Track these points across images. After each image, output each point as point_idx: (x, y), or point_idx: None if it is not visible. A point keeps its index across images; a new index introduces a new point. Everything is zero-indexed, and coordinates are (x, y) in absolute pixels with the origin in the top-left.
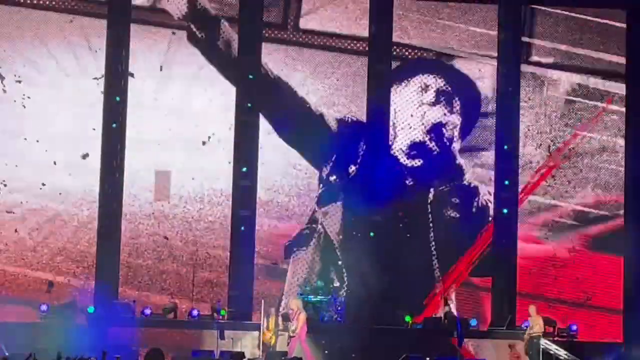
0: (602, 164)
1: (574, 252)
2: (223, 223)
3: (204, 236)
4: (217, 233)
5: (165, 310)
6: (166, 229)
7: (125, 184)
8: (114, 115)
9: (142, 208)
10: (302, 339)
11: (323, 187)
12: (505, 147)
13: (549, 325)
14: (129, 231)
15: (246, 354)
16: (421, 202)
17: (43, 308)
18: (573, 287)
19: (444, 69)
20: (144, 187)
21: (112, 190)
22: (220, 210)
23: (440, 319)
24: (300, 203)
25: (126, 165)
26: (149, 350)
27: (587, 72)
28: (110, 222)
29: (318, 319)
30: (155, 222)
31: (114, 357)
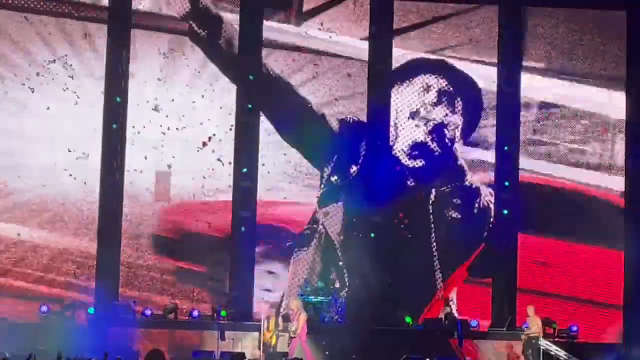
0: None
1: None
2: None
3: None
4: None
5: (166, 311)
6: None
7: (126, 184)
8: (114, 115)
9: (142, 209)
10: (302, 339)
11: (324, 187)
12: (506, 148)
13: (548, 326)
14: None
15: (247, 354)
16: (422, 202)
17: (43, 309)
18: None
19: (445, 69)
20: (145, 187)
21: (112, 191)
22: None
23: (440, 320)
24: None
25: (126, 165)
26: (149, 350)
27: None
28: (110, 222)
29: (318, 319)
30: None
31: (115, 357)
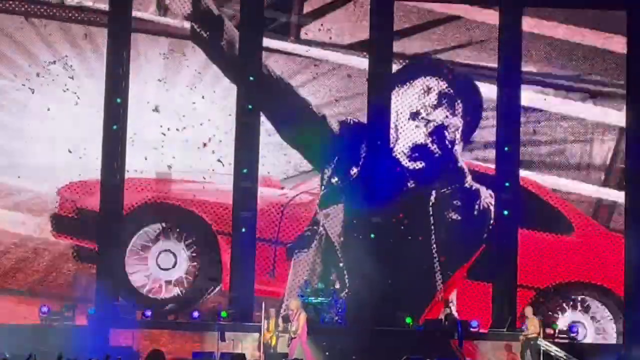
0: None
1: None
2: None
3: None
4: None
5: (166, 312)
6: None
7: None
8: (114, 116)
9: None
10: (303, 339)
11: (325, 189)
12: (506, 148)
13: (548, 327)
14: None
15: (247, 355)
16: (423, 204)
17: (44, 309)
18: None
19: (445, 71)
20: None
21: (112, 192)
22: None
23: (441, 321)
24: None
25: (127, 166)
26: (149, 351)
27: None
28: (111, 223)
29: (319, 320)
30: None
31: (116, 358)
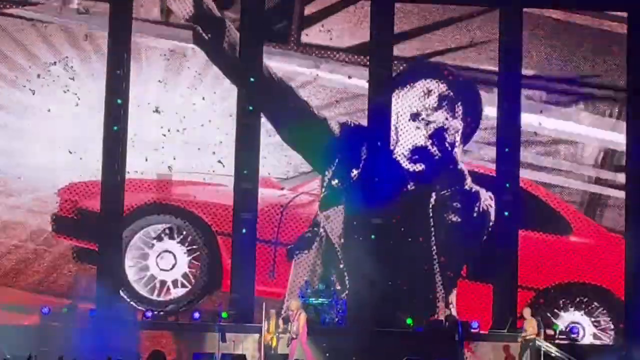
0: None
1: None
2: None
3: None
4: None
5: (167, 313)
6: None
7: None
8: (115, 118)
9: None
10: (303, 340)
11: (325, 191)
12: (507, 149)
13: (549, 327)
14: None
15: (247, 356)
16: (423, 206)
17: (44, 310)
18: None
19: (446, 74)
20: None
21: (113, 192)
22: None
23: (441, 322)
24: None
25: (127, 167)
26: (150, 352)
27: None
28: (111, 223)
29: (319, 321)
30: None
31: (116, 359)
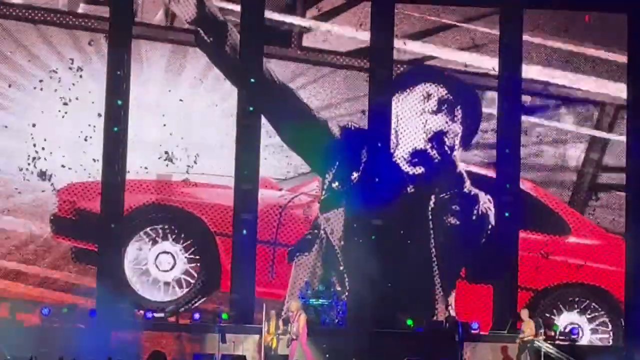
0: None
1: None
2: None
3: None
4: None
5: (167, 314)
6: None
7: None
8: (115, 119)
9: None
10: (303, 341)
11: (326, 193)
12: (507, 150)
13: (549, 328)
14: None
15: (248, 357)
16: (422, 208)
17: (45, 311)
18: None
19: (445, 77)
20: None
21: (113, 193)
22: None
23: (441, 323)
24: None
25: (127, 168)
26: (151, 353)
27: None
28: (111, 224)
29: (319, 322)
30: None
31: None
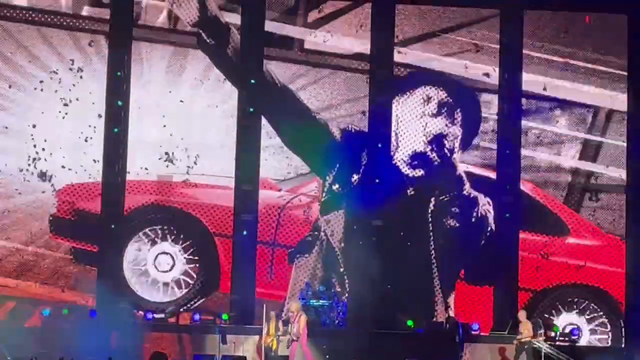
0: None
1: None
2: None
3: None
4: None
5: (168, 314)
6: None
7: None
8: (115, 119)
9: None
10: (303, 342)
11: (326, 195)
12: (507, 151)
13: (549, 329)
14: None
15: (248, 358)
16: (422, 211)
17: (45, 312)
18: None
19: (445, 81)
20: None
21: (113, 194)
22: None
23: (441, 324)
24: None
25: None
26: (152, 354)
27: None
28: (111, 225)
29: (319, 323)
30: None
31: None
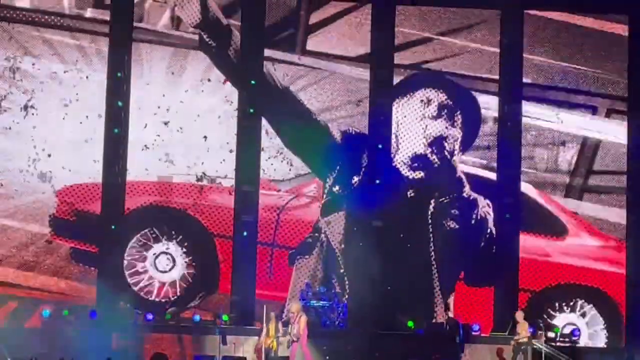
0: None
1: None
2: None
3: None
4: None
5: (168, 315)
6: None
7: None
8: (115, 120)
9: None
10: (303, 343)
11: (326, 197)
12: (507, 153)
13: (549, 330)
14: None
15: (248, 358)
16: (422, 212)
17: (45, 313)
18: None
19: (446, 82)
20: None
21: (114, 195)
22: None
23: (442, 325)
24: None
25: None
26: (153, 355)
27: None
28: (111, 225)
29: (320, 323)
30: None
31: None
